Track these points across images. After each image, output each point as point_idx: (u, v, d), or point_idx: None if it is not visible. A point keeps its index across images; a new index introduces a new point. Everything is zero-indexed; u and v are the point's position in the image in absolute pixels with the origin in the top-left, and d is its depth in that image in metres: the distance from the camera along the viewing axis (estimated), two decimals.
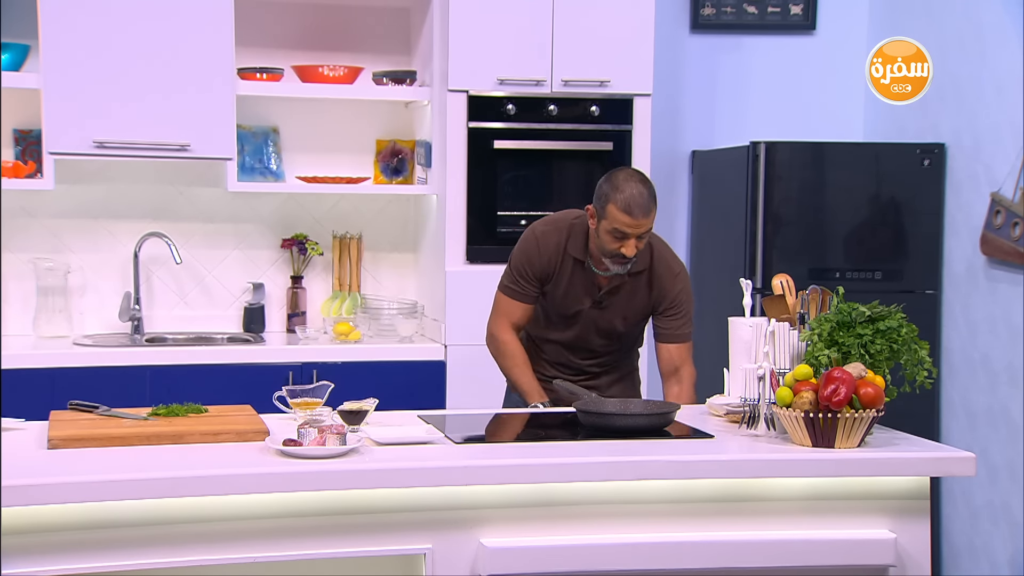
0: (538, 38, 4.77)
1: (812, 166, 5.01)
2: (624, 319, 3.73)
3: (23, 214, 4.82)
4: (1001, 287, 4.68)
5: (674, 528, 2.95)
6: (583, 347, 3.78)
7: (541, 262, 3.69)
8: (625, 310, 3.72)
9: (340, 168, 5.08)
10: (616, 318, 3.72)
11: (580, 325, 3.73)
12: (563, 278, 3.69)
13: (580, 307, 3.70)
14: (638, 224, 3.50)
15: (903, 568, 3.01)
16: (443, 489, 2.84)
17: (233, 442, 2.98)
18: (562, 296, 3.70)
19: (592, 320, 3.72)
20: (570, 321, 3.73)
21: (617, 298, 3.71)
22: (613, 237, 3.54)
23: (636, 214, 3.49)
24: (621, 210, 3.49)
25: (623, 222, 3.50)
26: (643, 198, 3.51)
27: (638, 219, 3.49)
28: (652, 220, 3.55)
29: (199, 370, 4.49)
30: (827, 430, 2.97)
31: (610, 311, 3.71)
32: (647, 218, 3.52)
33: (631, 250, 3.53)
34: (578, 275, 3.69)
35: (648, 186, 3.56)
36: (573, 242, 3.69)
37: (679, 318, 3.74)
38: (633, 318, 3.75)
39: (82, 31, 4.52)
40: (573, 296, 3.70)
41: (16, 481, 2.57)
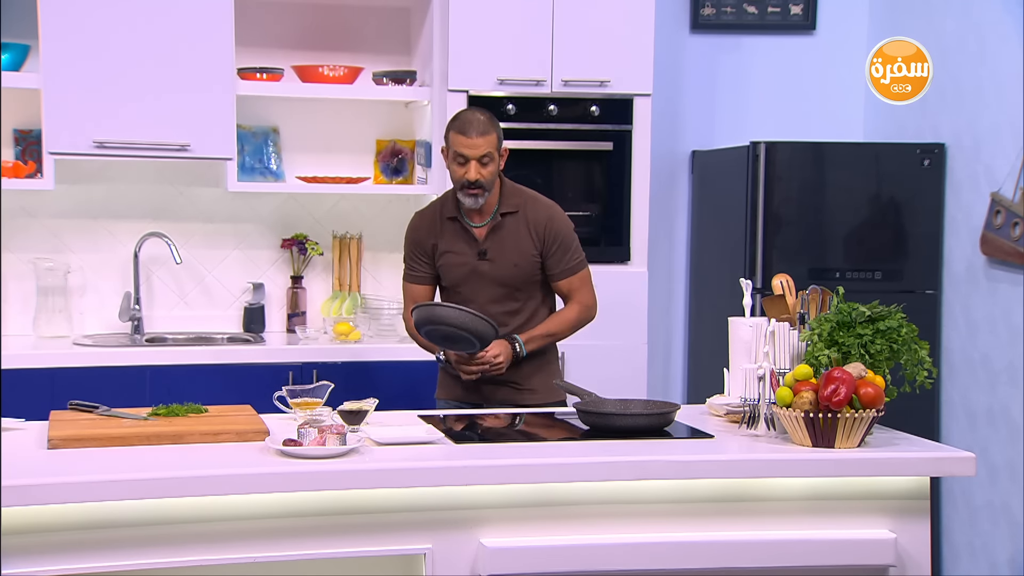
0: (538, 38, 4.77)
1: (812, 166, 5.01)
2: (515, 265, 3.78)
3: (23, 214, 4.82)
4: (1001, 287, 4.69)
5: (674, 528, 2.95)
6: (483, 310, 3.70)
7: (422, 235, 3.85)
8: (513, 255, 3.78)
9: (340, 168, 5.08)
10: (506, 266, 3.78)
11: (473, 282, 3.79)
12: (445, 242, 3.82)
13: (465, 262, 3.79)
14: (473, 144, 3.66)
15: (903, 568, 3.01)
16: (443, 489, 2.84)
17: (233, 442, 2.98)
18: (448, 260, 3.82)
19: (483, 274, 3.78)
20: (462, 281, 3.81)
21: (500, 246, 3.78)
22: (457, 164, 3.71)
23: (470, 132, 3.67)
24: (456, 131, 3.70)
25: (460, 143, 3.68)
26: (478, 121, 3.70)
27: (472, 137, 3.66)
28: (490, 143, 3.69)
29: (199, 370, 4.49)
30: (827, 430, 2.97)
31: (498, 262, 3.78)
32: (482, 138, 3.67)
33: (473, 173, 3.68)
34: (458, 235, 3.81)
35: (487, 115, 3.74)
36: (446, 205, 3.85)
37: (565, 253, 3.80)
38: (524, 264, 3.78)
39: (82, 31, 4.52)
40: (457, 254, 3.80)
41: (16, 481, 2.57)
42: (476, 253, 3.79)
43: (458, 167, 3.72)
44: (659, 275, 5.46)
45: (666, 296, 5.56)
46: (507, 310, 3.79)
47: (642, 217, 4.92)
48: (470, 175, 3.68)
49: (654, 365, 5.40)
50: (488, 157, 3.69)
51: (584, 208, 4.92)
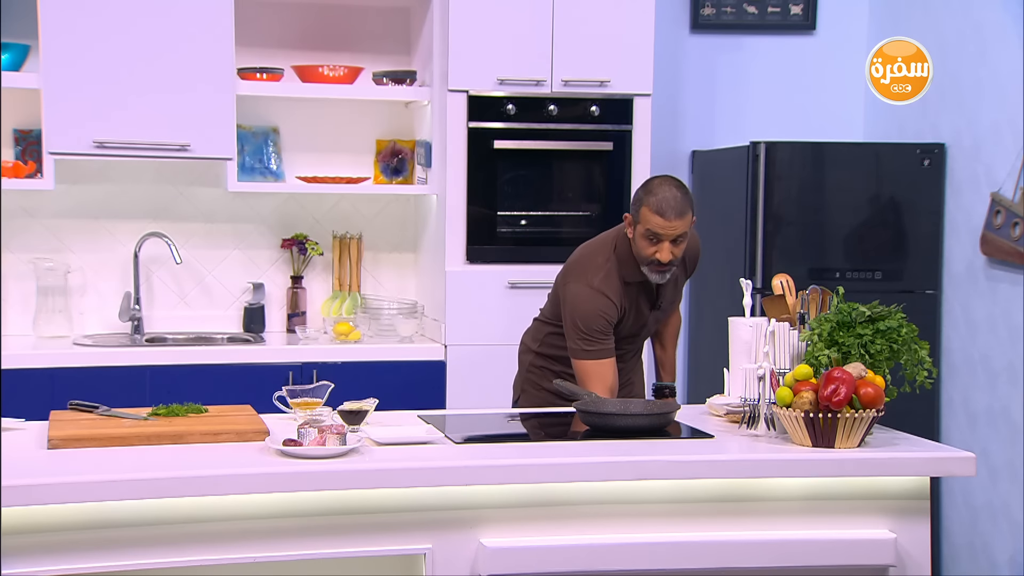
0: (538, 38, 4.77)
1: (812, 166, 5.01)
2: (672, 302, 3.84)
3: (23, 214, 4.82)
4: (1001, 287, 4.68)
5: (674, 528, 2.95)
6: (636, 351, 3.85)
7: (615, 311, 3.60)
8: (672, 294, 3.81)
9: (340, 168, 5.08)
10: (667, 305, 3.81)
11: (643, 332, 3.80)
12: (631, 308, 3.66)
13: (644, 316, 3.72)
14: (671, 225, 3.47)
15: (903, 568, 3.01)
16: (443, 489, 2.84)
17: (233, 442, 2.98)
18: (629, 321, 3.67)
19: (651, 322, 3.79)
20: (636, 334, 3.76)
21: (668, 292, 3.78)
22: (648, 241, 3.51)
23: (668, 215, 3.46)
24: (653, 211, 3.48)
25: (656, 223, 3.47)
26: (676, 200, 3.48)
27: (670, 220, 3.46)
28: (686, 224, 3.51)
29: (199, 370, 4.49)
30: (827, 430, 2.97)
31: (665, 307, 3.80)
32: (680, 220, 3.48)
33: (666, 255, 3.50)
34: (640, 295, 3.67)
35: (683, 190, 3.54)
36: (626, 270, 3.62)
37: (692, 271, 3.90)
38: (678, 299, 3.90)
39: (82, 31, 4.52)
40: (638, 313, 3.68)
41: (16, 481, 2.57)
42: (651, 306, 3.72)
43: (648, 244, 3.51)
44: None
45: None
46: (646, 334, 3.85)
47: None
48: (662, 256, 3.50)
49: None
50: (682, 238, 3.51)
51: (584, 208, 4.92)
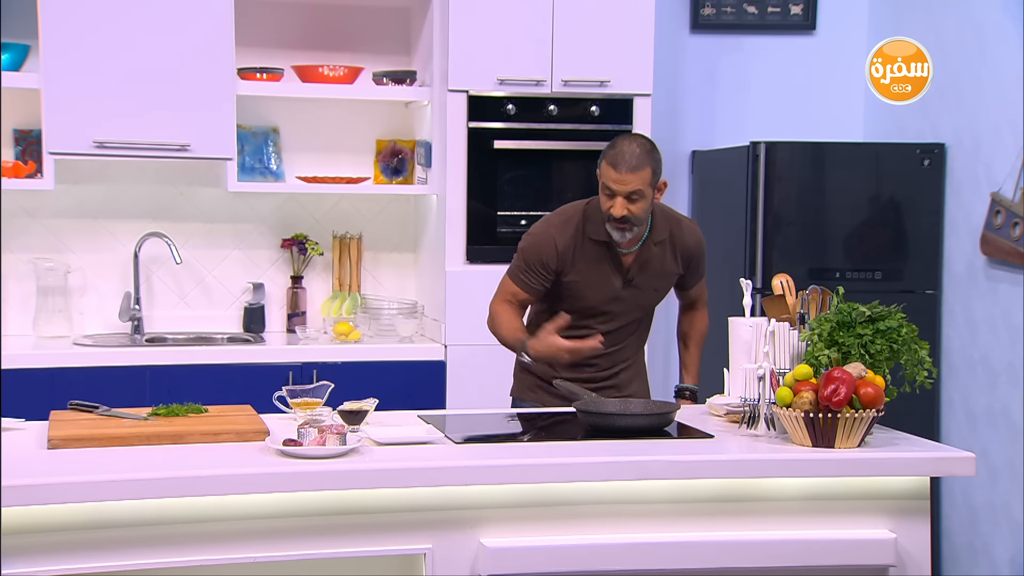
0: (538, 38, 4.77)
1: (812, 166, 5.01)
2: (656, 290, 3.73)
3: (23, 214, 4.82)
4: (1001, 287, 4.68)
5: (674, 528, 2.95)
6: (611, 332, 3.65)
7: (555, 251, 3.57)
8: (655, 280, 3.70)
9: (340, 168, 5.08)
10: (648, 291, 3.70)
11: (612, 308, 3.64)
12: (583, 265, 3.59)
13: (608, 287, 3.61)
14: (622, 179, 3.42)
15: (903, 568, 3.01)
16: (443, 489, 2.84)
17: (233, 442, 2.98)
18: (587, 284, 3.60)
19: (625, 300, 3.65)
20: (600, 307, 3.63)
21: (645, 272, 3.65)
22: (605, 196, 3.48)
23: (620, 168, 3.42)
24: (608, 163, 3.46)
25: (609, 176, 3.45)
26: (632, 155, 3.43)
27: (621, 173, 3.42)
28: (642, 180, 3.44)
29: (199, 370, 4.49)
30: (827, 430, 2.97)
31: (642, 288, 3.67)
32: (633, 174, 3.42)
33: (619, 210, 3.44)
34: (602, 259, 3.59)
35: (645, 147, 3.47)
36: (592, 225, 3.59)
37: (700, 265, 3.81)
38: (664, 288, 3.76)
39: (82, 31, 4.52)
40: (599, 279, 3.60)
41: (16, 481, 2.57)
42: (623, 280, 3.62)
43: (605, 198, 3.49)
44: None
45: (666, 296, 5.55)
46: (632, 328, 3.73)
47: None
48: (615, 211, 3.45)
49: (654, 365, 5.40)
50: (638, 194, 3.44)
51: None
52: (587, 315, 3.63)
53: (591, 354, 3.53)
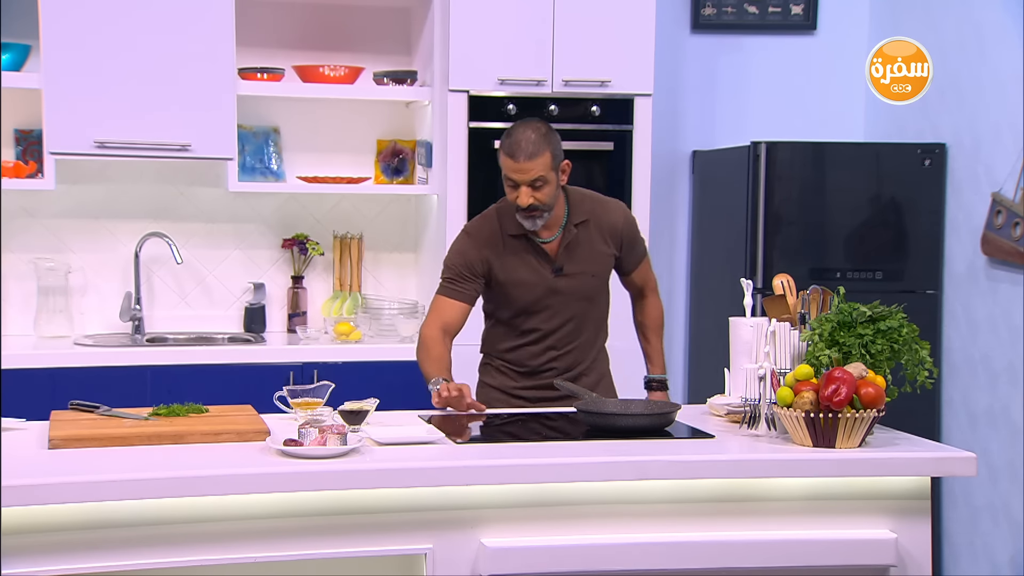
0: (538, 38, 4.77)
1: (812, 166, 5.01)
2: (592, 276, 3.61)
3: (24, 214, 4.82)
4: (1002, 287, 4.68)
5: (674, 528, 2.95)
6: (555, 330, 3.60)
7: (477, 253, 3.54)
8: (589, 265, 3.59)
9: (341, 168, 5.08)
10: (584, 278, 3.59)
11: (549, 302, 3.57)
12: (509, 264, 3.54)
13: (539, 281, 3.55)
14: (521, 168, 3.36)
15: (904, 568, 3.01)
16: (443, 489, 2.84)
17: (233, 442, 2.98)
18: (518, 283, 3.55)
19: (560, 291, 3.57)
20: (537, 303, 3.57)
21: (575, 258, 3.57)
22: (509, 187, 3.42)
23: (518, 156, 3.35)
24: (505, 154, 3.39)
25: (508, 167, 3.39)
26: (528, 141, 3.35)
27: (519, 161, 3.35)
28: (542, 165, 3.37)
29: (199, 370, 4.49)
30: (828, 430, 2.97)
31: (575, 276, 3.57)
32: (531, 161, 3.35)
33: (524, 199, 3.38)
34: (526, 253, 3.54)
35: (540, 132, 3.40)
36: (507, 220, 3.54)
37: (637, 245, 3.69)
38: (601, 271, 3.63)
39: (83, 31, 4.52)
40: (528, 276, 3.55)
41: (16, 481, 2.57)
42: (551, 270, 3.55)
43: (509, 190, 3.43)
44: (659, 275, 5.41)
45: (666, 296, 5.52)
46: (582, 321, 3.64)
47: (642, 217, 4.91)
48: (520, 201, 3.40)
49: None
50: (541, 180, 3.38)
51: None
52: (528, 313, 3.58)
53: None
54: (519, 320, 3.61)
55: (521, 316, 3.60)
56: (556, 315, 3.61)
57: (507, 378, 3.68)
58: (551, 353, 3.64)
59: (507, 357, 3.69)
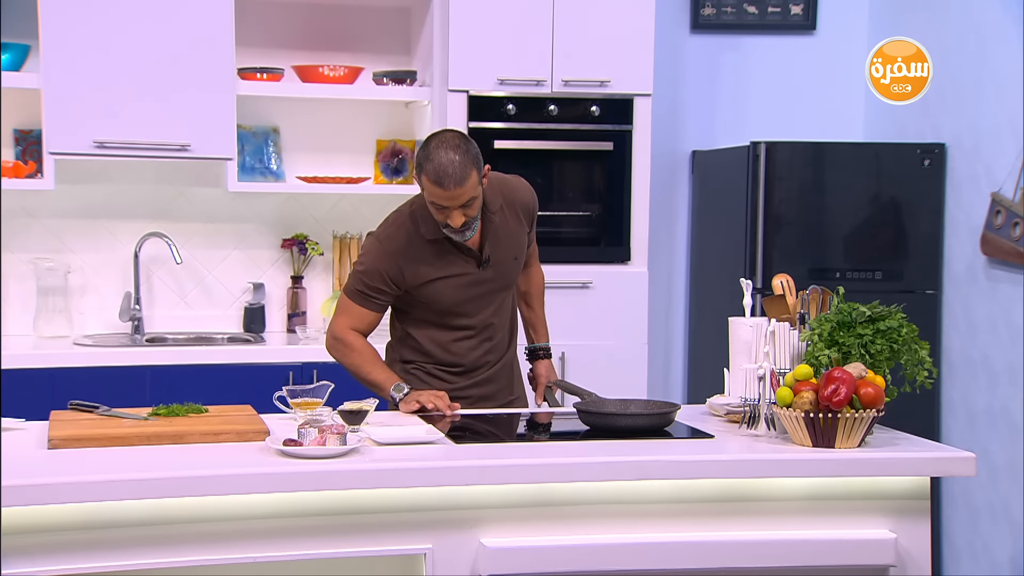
0: (538, 38, 4.77)
1: (812, 166, 5.01)
2: (515, 259, 3.54)
3: (23, 214, 4.82)
4: (1001, 287, 4.68)
5: (674, 528, 2.95)
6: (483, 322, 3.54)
7: (395, 264, 3.41)
8: (510, 249, 3.51)
9: (340, 168, 5.08)
10: (507, 263, 3.52)
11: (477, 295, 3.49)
12: (431, 269, 3.42)
13: (466, 278, 3.45)
14: (452, 195, 3.21)
15: (903, 568, 3.01)
16: (443, 489, 2.84)
17: (233, 442, 2.98)
18: (444, 285, 3.44)
19: (487, 282, 3.49)
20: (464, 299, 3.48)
21: (497, 246, 3.48)
22: (436, 208, 3.27)
23: (447, 184, 3.19)
24: (432, 182, 3.21)
25: (437, 195, 3.22)
26: (454, 166, 3.19)
27: (450, 189, 3.20)
28: (471, 187, 3.22)
29: (199, 370, 4.49)
30: (827, 430, 2.97)
31: (500, 263, 3.50)
32: (461, 187, 3.20)
33: (456, 220, 3.25)
34: (447, 254, 3.42)
35: (461, 151, 3.22)
36: (425, 226, 3.40)
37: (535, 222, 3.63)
38: (520, 253, 3.56)
39: (82, 31, 4.52)
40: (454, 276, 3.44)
41: (16, 481, 2.57)
42: (477, 264, 3.46)
43: (437, 211, 3.28)
44: (659, 275, 5.46)
45: (666, 296, 5.56)
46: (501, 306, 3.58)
47: (642, 217, 4.92)
48: (453, 222, 3.26)
49: (654, 365, 5.40)
50: (471, 199, 3.25)
51: (584, 208, 4.92)
52: (456, 312, 3.50)
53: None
54: (449, 319, 3.51)
55: (450, 315, 3.50)
56: (487, 305, 3.53)
57: (442, 382, 3.55)
58: (486, 345, 3.58)
59: (439, 358, 3.56)
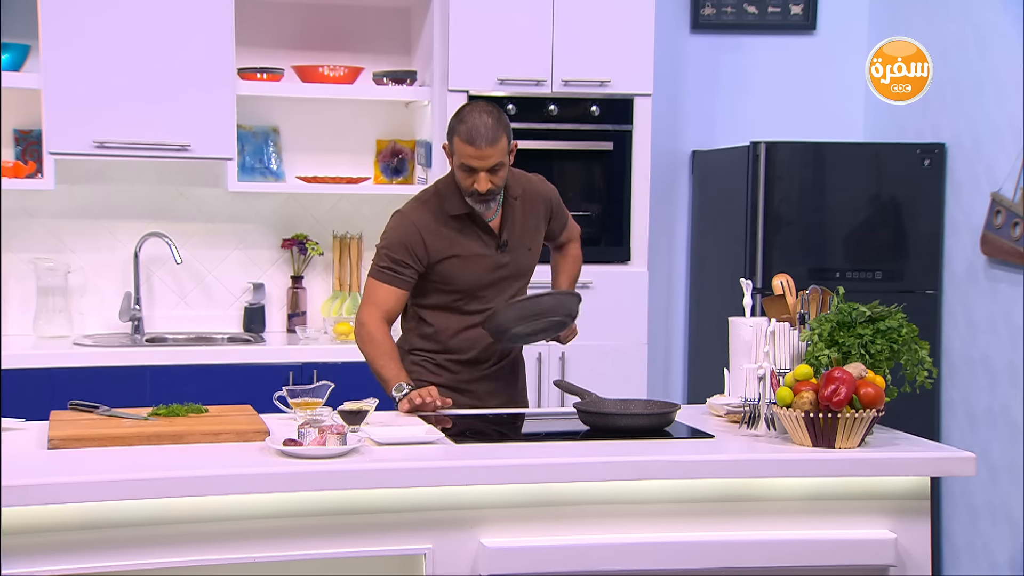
0: (538, 38, 4.77)
1: (812, 166, 5.01)
2: (529, 249, 3.60)
3: (23, 214, 4.82)
4: (1001, 287, 4.68)
5: (674, 528, 2.95)
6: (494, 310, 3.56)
7: (419, 237, 3.47)
8: (526, 239, 3.59)
9: (340, 168, 5.08)
10: (522, 252, 3.58)
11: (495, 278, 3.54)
12: (454, 245, 3.49)
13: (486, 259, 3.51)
14: (483, 155, 3.34)
15: (903, 568, 3.01)
16: (443, 489, 2.84)
17: (233, 442, 2.98)
18: (464, 263, 3.50)
19: (505, 266, 3.54)
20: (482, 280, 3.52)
21: (514, 232, 3.55)
22: (464, 172, 3.39)
23: (479, 143, 3.33)
24: (464, 141, 3.35)
25: (468, 154, 3.35)
26: (486, 127, 3.34)
27: (481, 148, 3.33)
28: (501, 151, 3.37)
29: (199, 370, 4.49)
30: (827, 430, 2.97)
31: (516, 250, 3.56)
32: (492, 147, 3.34)
33: (483, 184, 3.37)
34: (471, 233, 3.50)
35: (495, 116, 3.38)
36: (449, 202, 3.50)
37: (562, 214, 3.72)
38: (535, 246, 3.64)
39: (82, 31, 4.52)
40: (474, 254, 3.50)
41: (16, 481, 2.57)
42: (496, 246, 3.52)
43: (465, 175, 3.40)
44: (659, 275, 5.46)
45: (666, 296, 5.56)
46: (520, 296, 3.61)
47: (642, 217, 4.92)
48: (480, 186, 3.38)
49: (654, 365, 5.40)
50: (499, 165, 3.38)
51: (584, 208, 4.92)
52: (473, 294, 3.53)
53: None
54: (463, 302, 3.54)
55: (465, 298, 3.53)
56: (501, 293, 3.56)
57: (451, 373, 3.59)
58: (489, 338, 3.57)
59: (450, 345, 3.59)
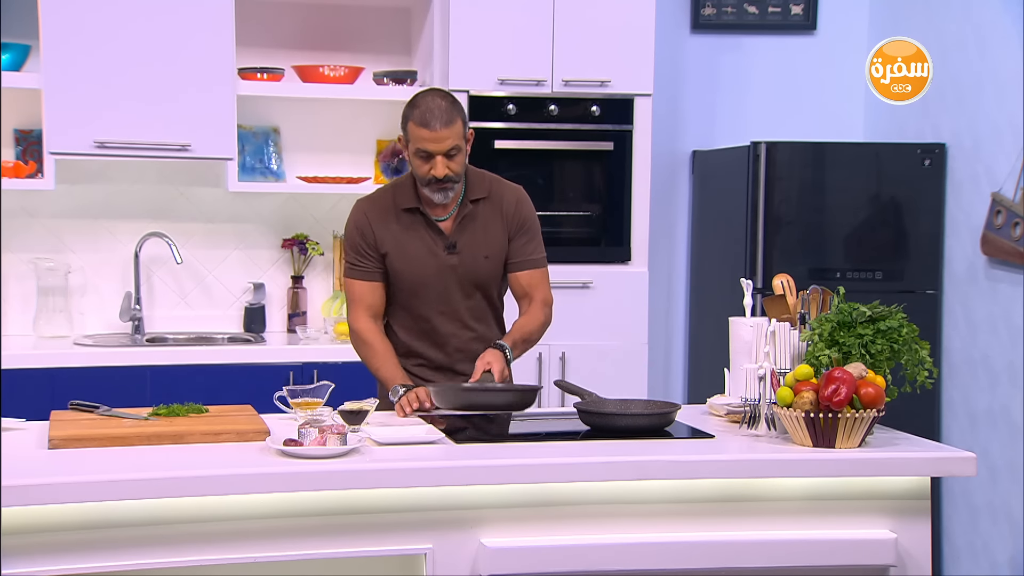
0: (538, 38, 4.77)
1: (812, 166, 5.01)
2: (486, 258, 3.49)
3: (23, 214, 4.82)
4: (1001, 287, 4.68)
5: (674, 528, 2.95)
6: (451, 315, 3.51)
7: (371, 227, 3.46)
8: (483, 247, 3.48)
9: (340, 168, 5.08)
10: (477, 259, 3.48)
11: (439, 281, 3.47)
12: (400, 238, 3.45)
13: (430, 258, 3.45)
14: (438, 137, 3.29)
15: (904, 568, 3.01)
16: (443, 489, 2.84)
17: (233, 442, 2.98)
18: (407, 258, 3.46)
19: (452, 269, 3.47)
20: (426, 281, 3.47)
21: (470, 237, 3.47)
22: (421, 159, 3.33)
23: (433, 124, 3.28)
24: (419, 124, 3.30)
25: (423, 137, 3.29)
26: (440, 109, 3.29)
27: (436, 130, 3.28)
28: (456, 134, 3.32)
29: (199, 370, 4.49)
30: (828, 430, 2.97)
31: (468, 255, 3.47)
32: (448, 129, 3.29)
33: (440, 170, 3.31)
34: (419, 228, 3.45)
35: (449, 99, 3.34)
36: (401, 195, 3.47)
37: (530, 241, 3.53)
38: (494, 255, 3.50)
39: (83, 31, 4.52)
40: (419, 251, 3.45)
41: (16, 481, 2.57)
42: (444, 247, 3.45)
43: (420, 162, 3.33)
44: (659, 275, 5.46)
45: (666, 296, 5.56)
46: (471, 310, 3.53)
47: (642, 217, 4.92)
48: (437, 172, 3.31)
49: (654, 365, 5.40)
50: (456, 149, 3.32)
51: (584, 208, 4.92)
52: (416, 294, 3.48)
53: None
54: (415, 303, 3.51)
55: (413, 299, 3.50)
56: (448, 298, 3.49)
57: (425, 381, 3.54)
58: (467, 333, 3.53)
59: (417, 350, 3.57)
